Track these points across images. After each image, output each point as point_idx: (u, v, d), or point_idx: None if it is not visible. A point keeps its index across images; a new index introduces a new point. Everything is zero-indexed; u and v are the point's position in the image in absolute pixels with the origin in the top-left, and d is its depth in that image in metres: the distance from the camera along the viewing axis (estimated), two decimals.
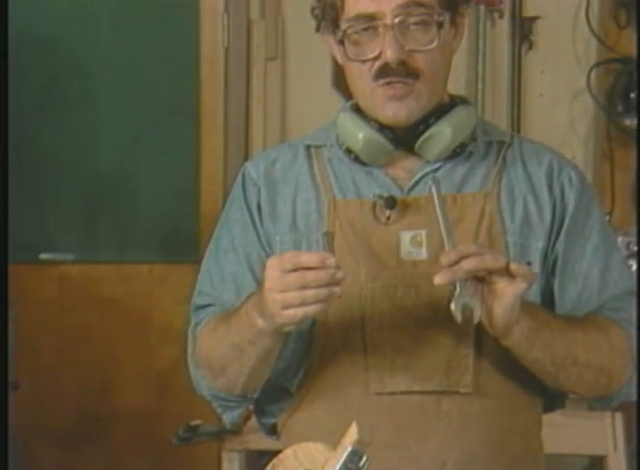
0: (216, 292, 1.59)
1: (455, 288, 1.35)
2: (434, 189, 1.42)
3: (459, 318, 1.36)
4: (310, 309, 1.33)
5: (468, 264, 1.34)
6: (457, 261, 1.34)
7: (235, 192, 1.63)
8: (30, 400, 3.08)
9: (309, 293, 1.31)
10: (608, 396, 1.56)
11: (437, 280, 1.34)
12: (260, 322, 1.39)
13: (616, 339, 1.51)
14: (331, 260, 1.31)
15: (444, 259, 1.34)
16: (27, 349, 3.04)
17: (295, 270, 1.32)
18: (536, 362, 1.47)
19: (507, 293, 1.36)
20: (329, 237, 1.40)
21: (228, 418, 1.62)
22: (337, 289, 1.32)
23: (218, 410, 1.62)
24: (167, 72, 3.22)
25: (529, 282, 1.37)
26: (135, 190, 3.26)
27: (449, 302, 1.36)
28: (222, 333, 1.50)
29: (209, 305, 1.60)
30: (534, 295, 1.52)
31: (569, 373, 1.49)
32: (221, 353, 1.50)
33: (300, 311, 1.33)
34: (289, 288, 1.32)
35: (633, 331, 1.54)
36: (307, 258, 1.32)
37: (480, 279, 1.37)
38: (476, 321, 1.37)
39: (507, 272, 1.35)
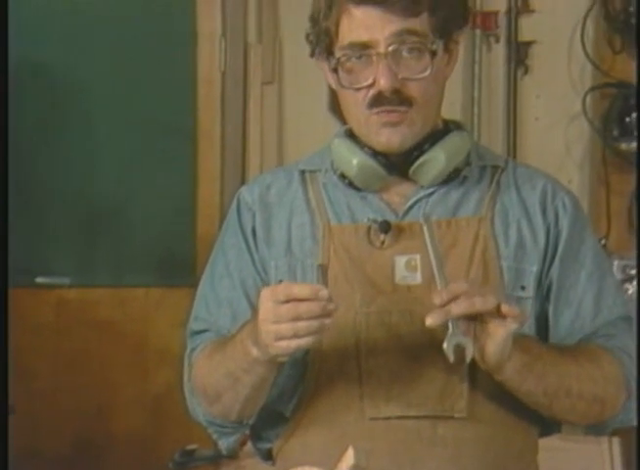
0: (212, 317, 1.59)
1: (448, 327, 1.36)
2: (425, 227, 1.43)
3: (452, 358, 1.37)
4: (302, 342, 1.33)
5: (457, 309, 1.34)
6: (449, 301, 1.34)
7: (230, 217, 1.63)
8: (26, 424, 3.07)
9: (301, 325, 1.32)
10: (601, 423, 1.56)
11: (429, 321, 1.34)
12: (255, 351, 1.40)
13: (608, 368, 1.52)
14: (323, 292, 1.32)
15: (436, 300, 1.35)
16: (23, 372, 3.04)
17: (287, 301, 1.32)
18: (529, 394, 1.47)
19: (498, 332, 1.36)
20: (323, 269, 1.41)
21: (224, 444, 1.62)
22: (328, 321, 1.33)
23: (214, 436, 1.62)
24: (165, 95, 3.24)
25: (521, 322, 1.38)
26: (132, 214, 3.27)
27: (443, 338, 1.37)
28: (217, 361, 1.50)
29: (205, 330, 1.60)
30: (530, 318, 1.52)
31: (562, 404, 1.49)
32: (216, 381, 1.50)
33: (293, 343, 1.33)
34: (281, 319, 1.32)
35: (626, 359, 1.54)
36: (300, 289, 1.33)
37: (473, 317, 1.37)
38: (468, 360, 1.38)
39: (498, 313, 1.36)
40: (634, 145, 3.12)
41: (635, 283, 3.00)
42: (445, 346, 1.36)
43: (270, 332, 1.34)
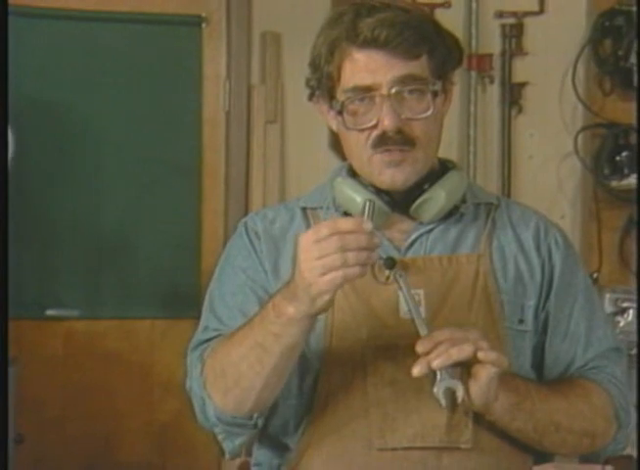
0: (226, 327, 1.56)
1: (436, 373, 1.40)
2: (401, 281, 1.46)
3: (443, 402, 1.40)
4: (350, 272, 1.29)
5: (437, 362, 1.37)
6: (432, 349, 1.38)
7: (237, 241, 1.63)
8: (35, 453, 3.10)
9: (351, 254, 1.28)
10: (591, 454, 1.59)
11: (415, 372, 1.38)
12: (291, 309, 1.36)
13: (597, 401, 1.55)
14: (368, 225, 1.31)
15: (419, 348, 1.39)
16: (32, 402, 3.06)
17: (332, 236, 1.30)
18: (519, 431, 1.51)
19: (481, 376, 1.41)
20: (371, 204, 1.37)
21: (229, 447, 1.58)
22: (374, 254, 1.32)
23: (220, 437, 1.57)
24: (172, 135, 3.29)
25: (500, 366, 1.41)
26: (138, 248, 3.30)
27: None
28: (241, 336, 1.45)
29: (217, 335, 1.56)
30: (527, 350, 1.57)
31: (552, 439, 1.52)
32: (239, 358, 1.45)
33: (340, 274, 1.29)
34: (327, 252, 1.29)
35: (615, 390, 1.58)
36: (344, 222, 1.31)
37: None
38: (459, 401, 1.40)
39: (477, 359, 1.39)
40: (624, 183, 3.19)
41: (627, 315, 3.07)
42: (436, 390, 1.40)
43: (315, 268, 1.29)
